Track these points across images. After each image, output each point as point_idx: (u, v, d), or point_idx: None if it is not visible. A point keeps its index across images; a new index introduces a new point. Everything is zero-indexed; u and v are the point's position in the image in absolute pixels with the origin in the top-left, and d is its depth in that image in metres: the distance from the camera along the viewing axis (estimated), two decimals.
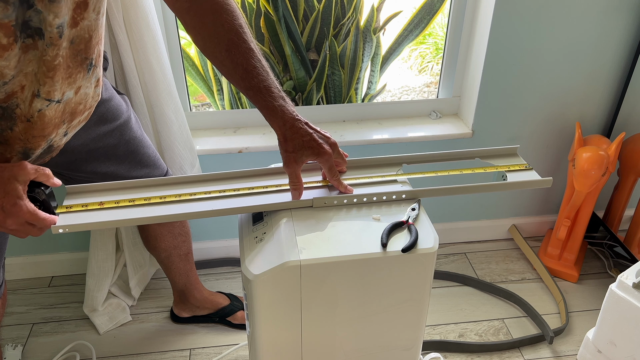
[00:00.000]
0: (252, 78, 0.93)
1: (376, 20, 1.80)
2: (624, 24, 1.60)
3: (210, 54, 0.95)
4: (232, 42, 0.93)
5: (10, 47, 0.75)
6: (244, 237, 0.93)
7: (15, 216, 0.80)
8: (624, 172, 1.76)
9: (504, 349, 1.56)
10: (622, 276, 1.26)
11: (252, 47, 0.94)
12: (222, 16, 0.93)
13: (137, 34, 1.30)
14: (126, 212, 0.91)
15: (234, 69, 0.94)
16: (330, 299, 0.89)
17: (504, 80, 1.66)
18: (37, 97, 0.83)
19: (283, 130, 0.93)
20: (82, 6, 0.82)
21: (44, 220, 0.83)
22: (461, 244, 1.99)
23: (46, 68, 0.81)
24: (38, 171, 0.83)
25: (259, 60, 0.94)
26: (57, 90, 0.85)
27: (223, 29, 0.92)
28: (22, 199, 0.80)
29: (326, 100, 1.89)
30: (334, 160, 0.95)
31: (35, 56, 0.79)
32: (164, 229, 1.41)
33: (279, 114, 0.93)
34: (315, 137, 0.93)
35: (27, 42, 0.77)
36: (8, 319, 1.67)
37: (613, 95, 1.74)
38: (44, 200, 0.86)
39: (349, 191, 0.96)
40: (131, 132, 1.19)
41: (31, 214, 0.81)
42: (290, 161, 0.93)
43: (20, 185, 0.80)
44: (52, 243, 1.79)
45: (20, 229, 0.83)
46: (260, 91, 0.93)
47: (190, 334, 1.62)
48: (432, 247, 0.87)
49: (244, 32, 0.94)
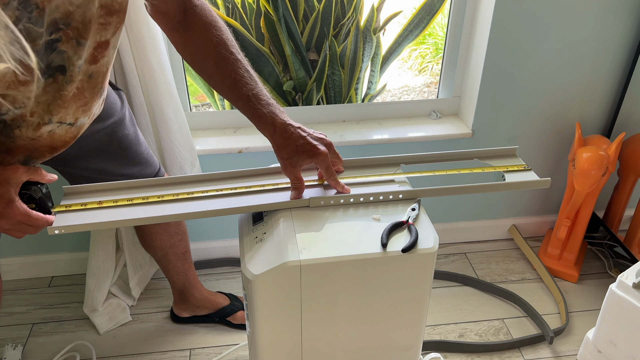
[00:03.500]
0: (240, 87, 0.93)
1: (376, 20, 1.80)
2: (624, 24, 1.60)
3: (199, 68, 0.97)
4: (220, 55, 0.94)
5: (27, 83, 0.73)
6: (244, 237, 0.93)
7: (8, 218, 0.81)
8: (624, 172, 1.76)
9: (504, 349, 1.56)
10: (622, 276, 1.26)
11: (239, 57, 0.95)
12: (211, 31, 0.95)
13: (137, 34, 1.30)
14: (124, 212, 0.91)
15: (222, 80, 0.95)
16: (330, 299, 0.89)
17: (504, 81, 1.66)
18: (48, 124, 0.82)
19: (275, 137, 0.93)
20: (104, 45, 0.81)
21: (36, 220, 0.84)
22: (461, 244, 1.99)
23: (61, 101, 0.81)
24: (30, 171, 0.84)
25: (247, 70, 0.95)
26: (70, 115, 0.85)
27: (211, 44, 0.94)
28: (14, 201, 0.81)
29: (326, 100, 1.89)
30: (330, 160, 0.95)
31: (53, 89, 0.79)
32: (159, 227, 1.42)
33: (269, 120, 0.93)
34: (308, 139, 0.93)
35: (48, 81, 0.77)
36: (8, 319, 1.67)
37: (613, 95, 1.74)
38: (40, 198, 0.86)
39: (346, 191, 0.96)
40: (124, 130, 1.19)
41: (23, 215, 0.82)
42: (287, 166, 0.94)
43: (12, 187, 0.81)
44: (52, 243, 1.79)
45: (15, 228, 0.84)
46: (250, 99, 0.93)
47: (190, 334, 1.62)
48: (432, 247, 0.87)
49: (231, 44, 0.96)
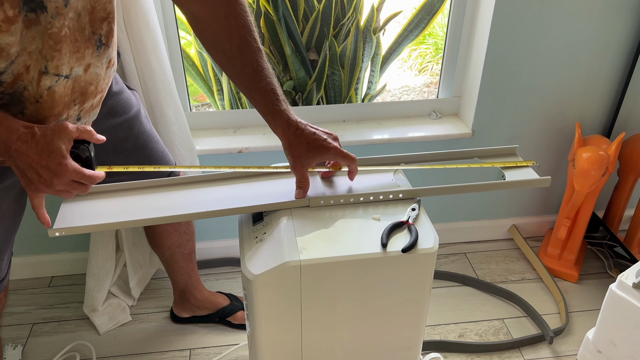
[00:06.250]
0: (260, 79, 0.91)
1: (376, 20, 1.80)
2: (624, 23, 1.60)
3: (219, 49, 0.92)
4: (243, 39, 0.91)
5: (16, 19, 0.74)
6: (244, 237, 0.93)
7: (62, 175, 0.80)
8: (624, 172, 1.76)
9: (504, 349, 1.56)
10: (622, 276, 1.26)
11: (260, 47, 0.92)
12: (236, 10, 0.90)
13: (137, 34, 1.30)
14: (130, 205, 0.92)
15: (242, 68, 0.92)
16: (330, 299, 0.89)
17: (504, 80, 1.66)
18: (46, 74, 0.82)
19: (287, 134, 0.92)
20: None
21: (89, 177, 0.83)
22: (461, 244, 1.99)
23: (53, 41, 0.79)
24: (80, 129, 0.83)
25: (266, 62, 0.93)
26: (65, 65, 0.83)
27: (236, 24, 0.90)
28: (66, 157, 0.80)
29: (326, 100, 1.89)
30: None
31: (39, 32, 0.78)
32: (170, 227, 1.41)
33: (284, 117, 0.92)
34: (319, 135, 0.93)
35: (29, 16, 0.76)
36: (8, 319, 1.67)
37: (613, 95, 1.74)
38: (87, 158, 0.84)
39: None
40: (140, 126, 1.19)
41: (76, 172, 0.81)
42: (297, 165, 0.93)
43: (64, 144, 0.80)
44: (52, 243, 1.79)
45: (67, 189, 0.83)
46: (268, 93, 0.91)
47: (190, 334, 1.62)
48: (432, 247, 0.87)
49: (254, 30, 0.92)
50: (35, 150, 0.79)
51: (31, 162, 0.79)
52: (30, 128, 0.80)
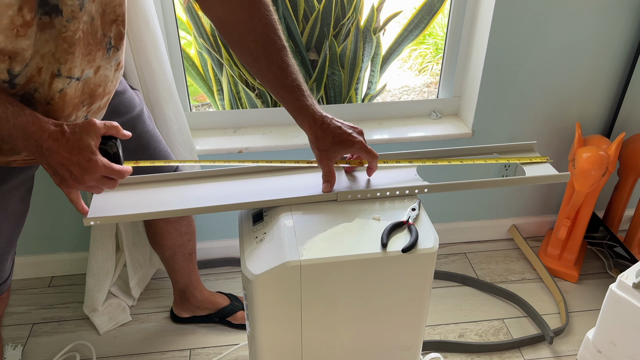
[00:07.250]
0: (286, 76, 0.92)
1: (376, 21, 1.80)
2: (624, 23, 1.60)
3: (246, 50, 0.93)
4: (268, 38, 0.91)
5: (32, 22, 0.75)
6: (244, 237, 0.93)
7: (92, 171, 0.81)
8: (624, 172, 1.76)
9: (504, 349, 1.56)
10: (622, 276, 1.26)
11: (285, 44, 0.93)
12: (260, 10, 0.91)
13: (137, 34, 1.30)
14: (151, 197, 0.94)
15: (268, 67, 0.92)
16: (330, 299, 0.89)
17: (504, 80, 1.66)
18: (58, 76, 0.82)
19: (314, 129, 0.93)
20: None
21: (119, 172, 0.84)
22: (461, 244, 1.99)
23: (67, 44, 0.80)
24: (107, 125, 0.84)
25: (291, 58, 0.93)
26: (77, 67, 0.84)
27: (261, 24, 0.91)
28: (96, 154, 0.81)
29: (326, 100, 1.89)
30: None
31: (52, 35, 0.78)
32: (170, 227, 1.41)
33: (310, 112, 0.93)
34: (344, 129, 0.94)
35: (43, 19, 0.76)
36: (8, 319, 1.67)
37: (613, 95, 1.74)
38: (115, 154, 0.86)
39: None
40: (143, 126, 1.20)
41: (106, 168, 0.82)
42: (323, 158, 0.94)
43: (92, 141, 0.81)
44: (52, 243, 1.79)
45: (97, 184, 0.84)
46: (293, 90, 0.92)
47: (190, 334, 1.62)
48: (432, 247, 0.87)
49: (278, 28, 0.93)
50: (66, 147, 0.80)
51: (62, 160, 0.80)
52: (60, 126, 0.81)
